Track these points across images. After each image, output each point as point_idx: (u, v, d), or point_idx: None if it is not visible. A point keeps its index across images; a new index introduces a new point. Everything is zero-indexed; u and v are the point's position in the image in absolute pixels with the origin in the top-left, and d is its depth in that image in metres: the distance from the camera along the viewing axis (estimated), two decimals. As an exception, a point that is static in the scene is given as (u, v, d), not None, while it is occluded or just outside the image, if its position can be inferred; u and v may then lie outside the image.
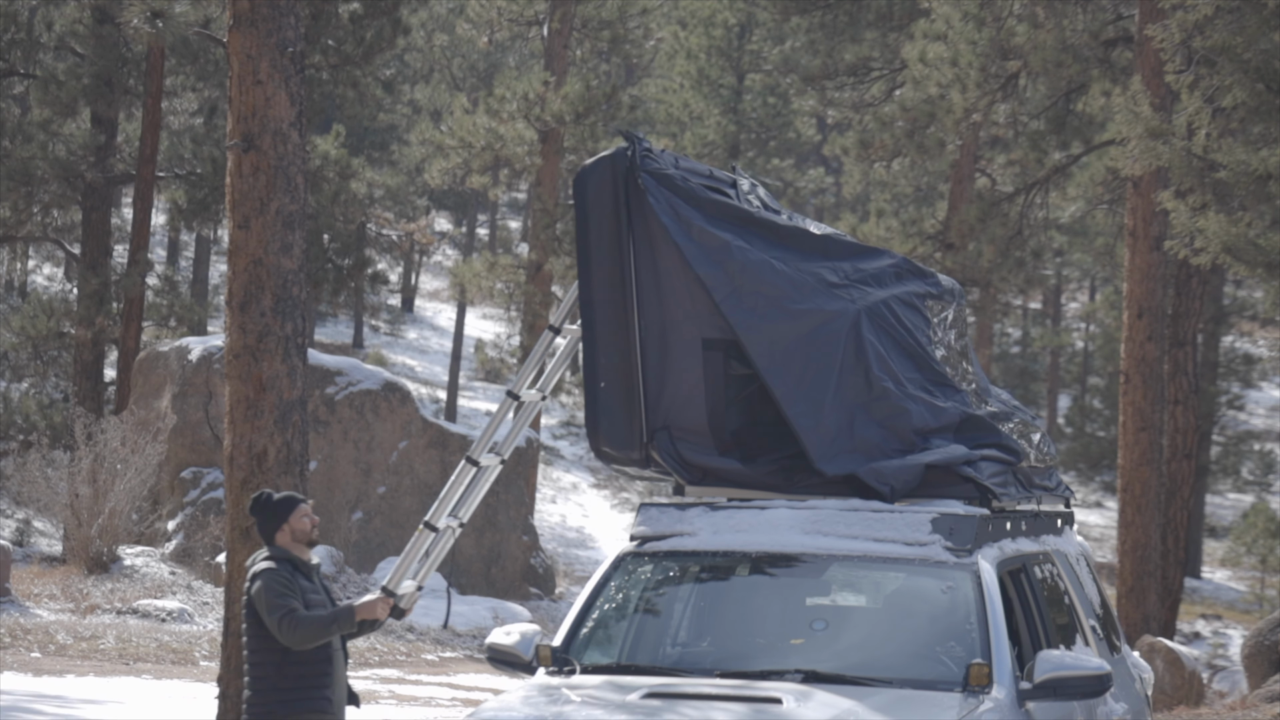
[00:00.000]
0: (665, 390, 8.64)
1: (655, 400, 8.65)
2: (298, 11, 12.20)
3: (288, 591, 8.50)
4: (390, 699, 18.07)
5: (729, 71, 53.99)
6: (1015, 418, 9.56)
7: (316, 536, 8.82)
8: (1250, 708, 17.91)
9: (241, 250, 12.12)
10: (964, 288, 31.81)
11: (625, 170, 8.60)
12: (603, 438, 8.76)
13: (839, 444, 8.52)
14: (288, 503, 8.76)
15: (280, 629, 8.44)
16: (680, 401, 8.65)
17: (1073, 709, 8.08)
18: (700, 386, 8.62)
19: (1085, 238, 46.91)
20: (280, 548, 8.69)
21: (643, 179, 8.54)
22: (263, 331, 12.05)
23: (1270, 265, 16.63)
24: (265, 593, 8.52)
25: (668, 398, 8.65)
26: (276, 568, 8.58)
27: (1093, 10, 27.26)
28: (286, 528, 8.70)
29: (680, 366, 8.62)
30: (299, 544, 8.73)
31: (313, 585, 8.67)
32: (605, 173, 8.63)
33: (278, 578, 8.54)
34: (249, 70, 12.03)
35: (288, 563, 8.65)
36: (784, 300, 8.53)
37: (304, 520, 8.74)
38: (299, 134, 12.17)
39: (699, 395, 8.62)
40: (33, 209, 31.56)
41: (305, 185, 12.28)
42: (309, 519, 8.76)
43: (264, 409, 12.02)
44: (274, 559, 8.62)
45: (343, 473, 27.56)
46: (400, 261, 58.98)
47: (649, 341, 8.60)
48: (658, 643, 8.24)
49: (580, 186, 8.65)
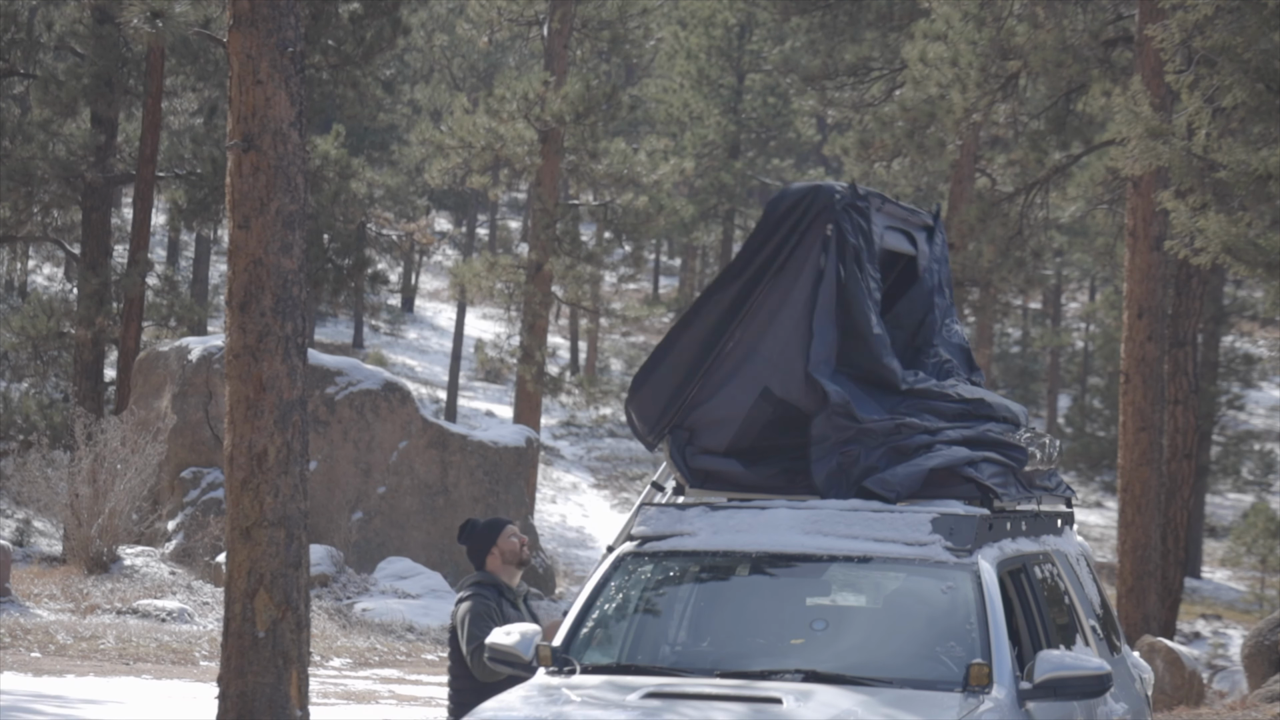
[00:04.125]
0: (708, 404, 8.72)
1: (694, 406, 8.72)
2: (298, 11, 12.20)
3: (490, 621, 8.57)
4: (390, 699, 18.07)
5: (729, 71, 53.99)
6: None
7: (527, 556, 8.92)
8: (1250, 708, 17.91)
9: (241, 250, 12.11)
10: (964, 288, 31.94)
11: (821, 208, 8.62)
12: (636, 405, 8.86)
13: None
14: (495, 525, 8.90)
15: (472, 660, 8.53)
16: (713, 422, 8.73)
17: (1073, 709, 8.08)
18: (737, 423, 8.69)
19: (1085, 238, 46.92)
20: (489, 573, 8.81)
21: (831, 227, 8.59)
22: (263, 331, 12.05)
23: (1270, 265, 16.63)
24: (468, 621, 8.62)
25: (705, 412, 8.72)
26: (484, 594, 8.68)
27: (1093, 10, 27.27)
28: (496, 550, 8.83)
29: (732, 396, 8.69)
30: (509, 566, 8.85)
31: (519, 613, 8.77)
32: (805, 200, 8.66)
33: (483, 605, 8.64)
34: (249, 70, 12.03)
35: (494, 588, 8.74)
36: (854, 405, 8.59)
37: (512, 540, 8.87)
38: (299, 134, 12.17)
39: (732, 427, 8.70)
40: (33, 209, 31.58)
41: (305, 185, 12.28)
42: (517, 538, 8.88)
43: (264, 409, 12.02)
44: (482, 584, 8.71)
45: (343, 473, 27.56)
46: (400, 261, 59.00)
47: (725, 357, 8.68)
48: (658, 643, 8.24)
49: (775, 203, 8.72)
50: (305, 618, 12.06)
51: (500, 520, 8.94)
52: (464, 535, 8.97)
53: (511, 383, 48.62)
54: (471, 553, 8.93)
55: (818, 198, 8.64)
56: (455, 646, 8.79)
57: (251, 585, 11.91)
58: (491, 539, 8.90)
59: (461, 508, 28.42)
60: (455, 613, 8.77)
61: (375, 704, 17.53)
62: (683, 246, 63.24)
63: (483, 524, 8.94)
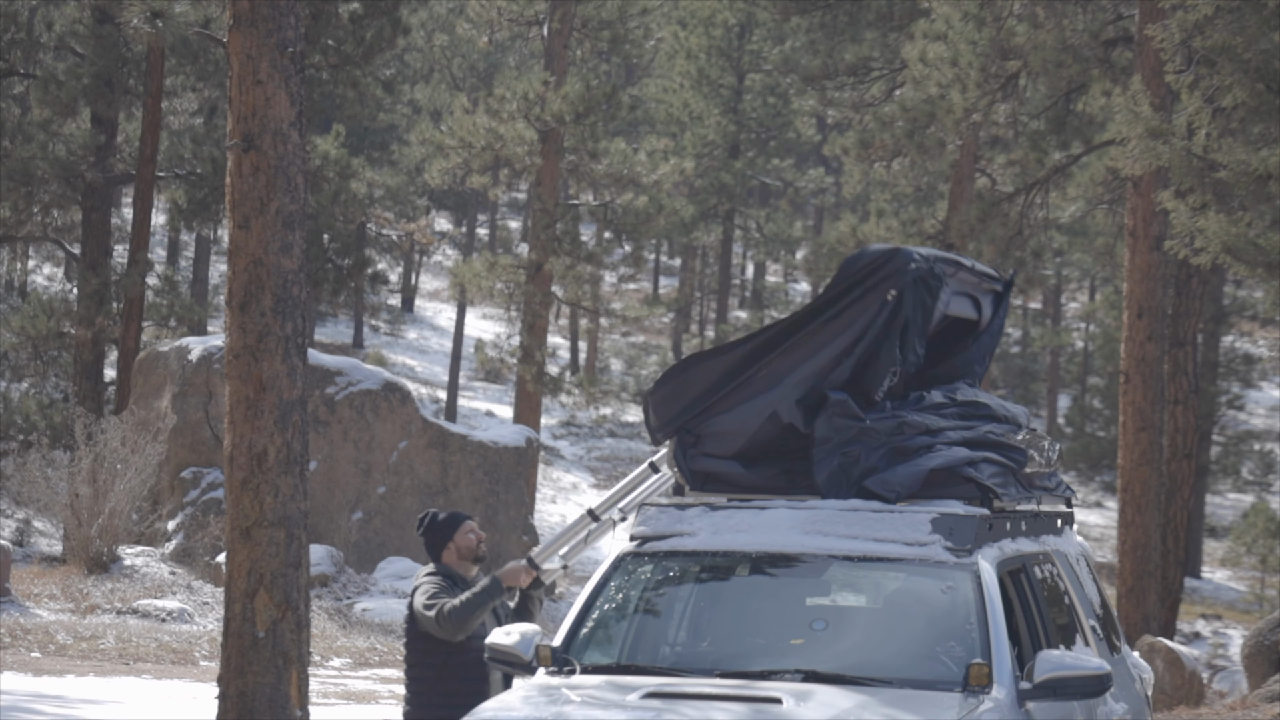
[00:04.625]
0: (721, 417, 8.77)
1: (709, 415, 8.77)
2: (298, 11, 12.20)
3: (441, 591, 8.70)
4: (390, 699, 18.07)
5: (729, 71, 54.00)
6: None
7: (484, 552, 8.99)
8: (1250, 708, 17.92)
9: (241, 250, 12.11)
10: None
11: (891, 272, 8.69)
12: (657, 399, 8.92)
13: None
14: (453, 520, 8.96)
15: (439, 621, 8.63)
16: (721, 433, 8.79)
17: (1073, 709, 8.08)
18: (744, 438, 8.75)
19: (1085, 238, 46.91)
20: (445, 565, 8.88)
21: (893, 294, 8.66)
22: (263, 331, 12.05)
23: (1270, 265, 16.63)
24: (420, 595, 8.71)
25: (717, 423, 8.77)
26: (435, 577, 8.78)
27: (1093, 10, 27.27)
28: (452, 545, 8.91)
29: (745, 414, 8.75)
30: (464, 560, 8.93)
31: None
32: (878, 261, 8.74)
33: (434, 583, 8.75)
34: (249, 70, 12.03)
35: (448, 579, 8.83)
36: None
37: (469, 536, 8.93)
38: (299, 134, 12.17)
39: (737, 441, 8.76)
40: (33, 209, 31.57)
41: (305, 185, 12.28)
42: (475, 534, 8.94)
43: (264, 409, 12.02)
44: (435, 574, 8.82)
45: (343, 473, 27.56)
46: (400, 261, 59.01)
47: (753, 380, 8.75)
48: (658, 643, 8.25)
49: (853, 261, 8.83)
50: (305, 618, 12.06)
51: (459, 515, 8.99)
52: (422, 527, 9.02)
53: (511, 383, 48.63)
54: (428, 545, 8.98)
55: (891, 262, 8.67)
56: (412, 635, 8.83)
57: (251, 585, 11.91)
58: (448, 534, 8.93)
59: (461, 507, 28.42)
60: (410, 600, 8.83)
61: (375, 704, 17.54)
62: (683, 246, 63.25)
63: (442, 518, 8.98)
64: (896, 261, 8.67)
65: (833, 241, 33.38)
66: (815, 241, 42.99)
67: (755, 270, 71.21)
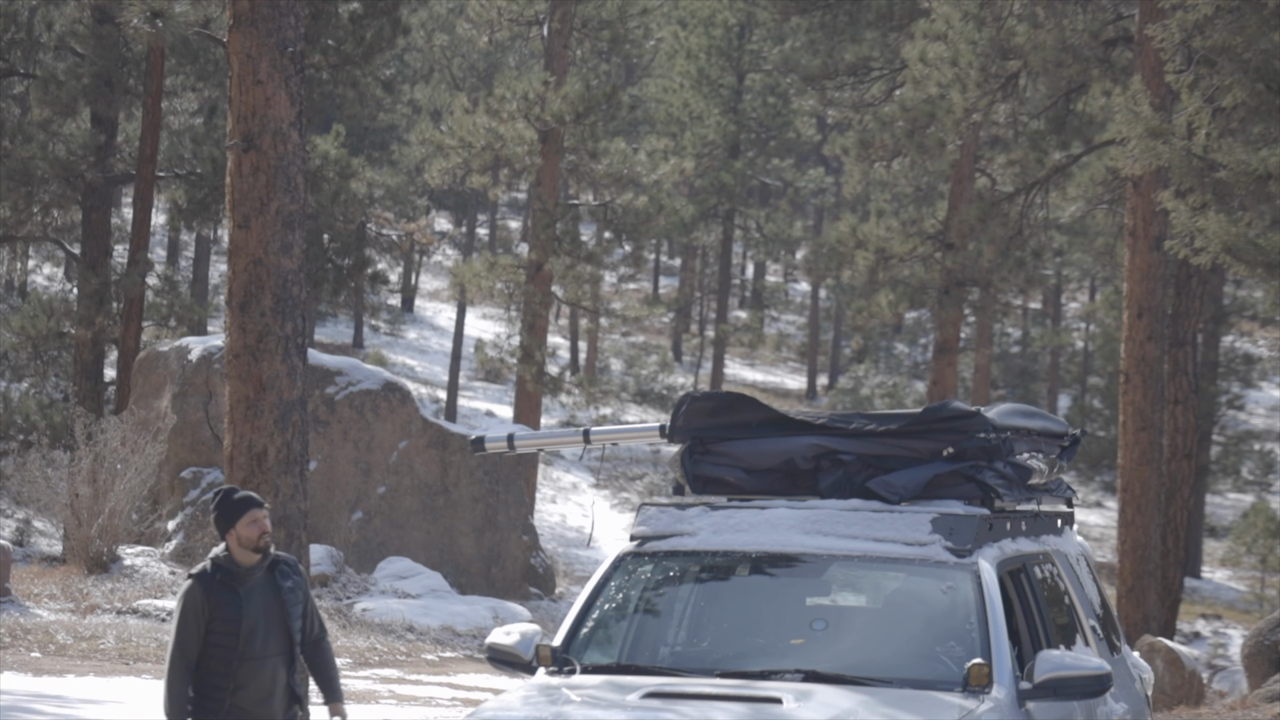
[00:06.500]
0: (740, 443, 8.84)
1: (730, 439, 8.84)
2: (298, 11, 12.21)
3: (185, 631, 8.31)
4: (390, 699, 18.07)
5: (729, 71, 53.99)
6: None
7: (265, 544, 8.45)
8: (1250, 708, 17.92)
9: (241, 250, 12.12)
10: (964, 287, 31.96)
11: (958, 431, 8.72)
12: (691, 409, 8.95)
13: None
14: (240, 507, 8.43)
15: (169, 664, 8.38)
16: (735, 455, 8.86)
17: (1073, 709, 8.08)
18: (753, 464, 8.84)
19: (1085, 238, 46.92)
20: (226, 553, 8.43)
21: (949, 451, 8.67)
22: (263, 331, 12.05)
23: (1270, 265, 16.63)
24: (172, 620, 8.38)
25: (735, 447, 8.84)
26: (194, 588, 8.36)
27: (1093, 10, 27.26)
28: (234, 534, 8.41)
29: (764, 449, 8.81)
30: (244, 549, 8.42)
31: (235, 597, 8.38)
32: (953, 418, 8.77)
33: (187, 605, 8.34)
34: (249, 70, 12.04)
35: (222, 571, 8.40)
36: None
37: (251, 528, 8.41)
38: (299, 134, 12.17)
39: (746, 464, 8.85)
40: (33, 209, 31.56)
41: (305, 185, 12.29)
42: (257, 526, 8.41)
43: (264, 409, 12.03)
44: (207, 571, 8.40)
45: (343, 473, 27.56)
46: (400, 261, 58.97)
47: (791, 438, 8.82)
48: (658, 643, 8.25)
49: (935, 409, 8.89)
50: (305, 618, 12.05)
51: (247, 502, 8.44)
52: (213, 504, 8.55)
53: (511, 383, 48.62)
54: (216, 523, 8.50)
55: (964, 424, 8.67)
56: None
57: (251, 585, 11.90)
58: (231, 521, 8.42)
59: (462, 507, 28.43)
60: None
61: (375, 704, 17.53)
62: (683, 246, 63.25)
63: (236, 498, 8.46)
64: (969, 425, 8.65)
65: (833, 241, 33.38)
66: (815, 241, 42.98)
67: (755, 270, 71.24)
